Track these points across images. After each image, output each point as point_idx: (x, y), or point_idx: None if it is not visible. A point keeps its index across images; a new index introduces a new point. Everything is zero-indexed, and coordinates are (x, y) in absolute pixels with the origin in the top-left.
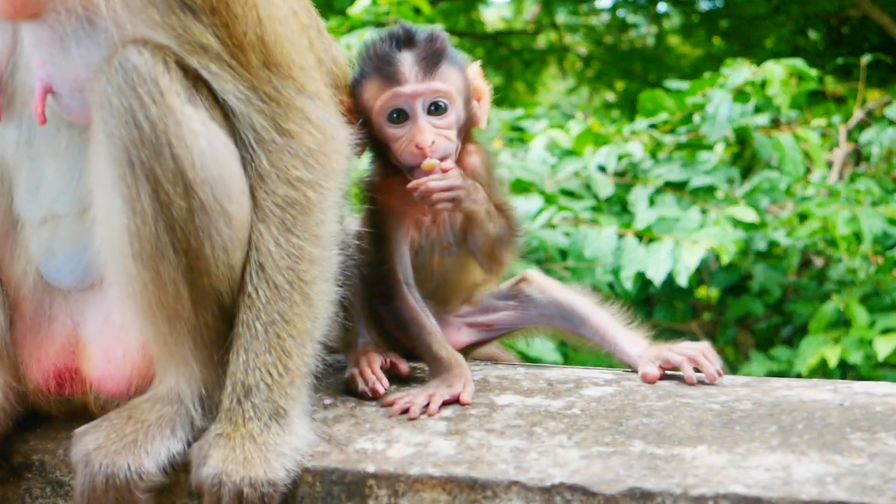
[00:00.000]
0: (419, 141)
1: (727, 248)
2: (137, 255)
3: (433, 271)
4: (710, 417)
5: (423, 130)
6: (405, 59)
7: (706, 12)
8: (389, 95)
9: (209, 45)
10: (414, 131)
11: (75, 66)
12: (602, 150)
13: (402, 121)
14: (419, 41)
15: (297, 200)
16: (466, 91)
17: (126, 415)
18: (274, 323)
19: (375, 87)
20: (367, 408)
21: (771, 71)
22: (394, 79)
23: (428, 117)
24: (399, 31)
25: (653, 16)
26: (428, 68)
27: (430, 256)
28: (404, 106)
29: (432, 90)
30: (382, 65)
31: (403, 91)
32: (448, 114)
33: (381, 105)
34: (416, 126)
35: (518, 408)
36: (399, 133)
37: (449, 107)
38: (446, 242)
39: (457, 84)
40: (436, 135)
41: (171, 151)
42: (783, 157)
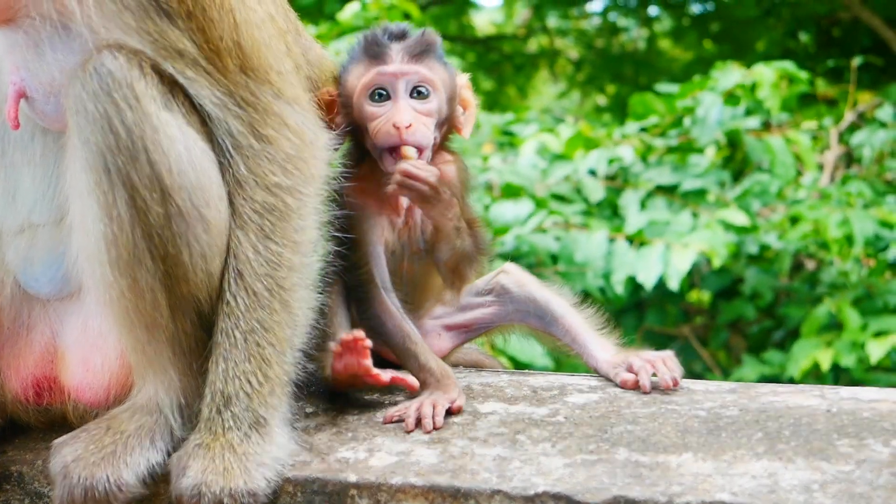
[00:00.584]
0: (397, 120)
1: (718, 252)
2: (114, 263)
3: (403, 275)
4: (696, 424)
5: (402, 110)
6: (395, 45)
7: (697, 15)
8: (373, 74)
9: (185, 50)
10: (393, 110)
11: (50, 70)
12: (592, 154)
13: (384, 100)
14: (411, 35)
15: (276, 206)
16: (451, 90)
17: (105, 425)
18: (253, 331)
19: (361, 67)
20: (350, 416)
21: (761, 74)
22: (380, 59)
23: (409, 100)
24: (393, 26)
25: (643, 19)
26: (415, 55)
27: (400, 261)
28: (387, 85)
29: (417, 72)
30: (372, 47)
31: (387, 69)
32: (430, 100)
33: (364, 83)
34: (396, 105)
35: (502, 415)
36: (378, 111)
37: (431, 94)
38: (416, 247)
39: (442, 77)
40: (415, 118)
41: (147, 157)
42: (774, 160)
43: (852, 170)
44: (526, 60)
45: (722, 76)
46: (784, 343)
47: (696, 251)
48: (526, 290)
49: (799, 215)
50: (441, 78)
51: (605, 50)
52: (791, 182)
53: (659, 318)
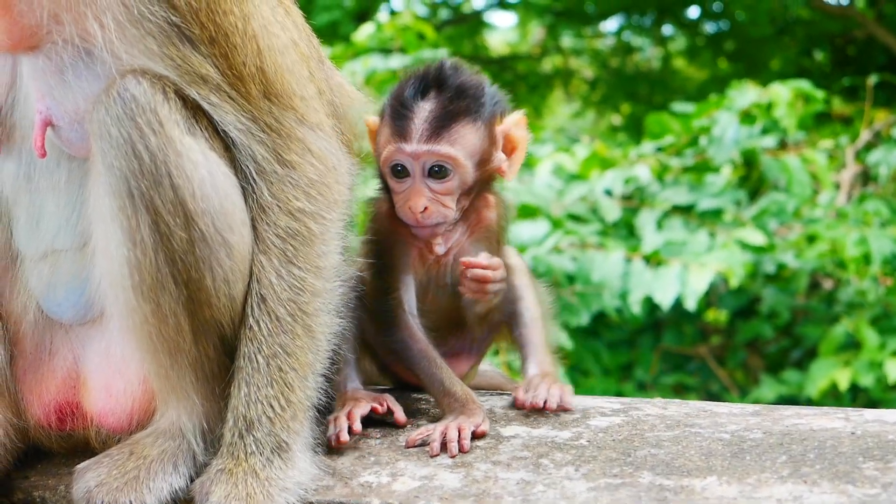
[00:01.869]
0: (412, 204)
1: (735, 272)
2: (137, 287)
3: (427, 309)
4: (720, 447)
5: (417, 193)
6: (419, 113)
7: (711, 34)
8: (393, 150)
9: (208, 76)
10: (409, 192)
11: (74, 97)
12: (608, 174)
13: (404, 176)
14: (445, 91)
15: (299, 232)
16: (484, 151)
17: (128, 450)
18: (276, 356)
19: (386, 133)
20: (372, 440)
21: (777, 93)
22: (401, 133)
23: (427, 180)
24: (430, 75)
25: (658, 38)
26: (437, 128)
27: (426, 292)
28: (405, 164)
29: (435, 154)
30: (397, 113)
31: (405, 149)
32: (449, 179)
33: (386, 157)
34: (412, 188)
35: (524, 439)
36: (399, 188)
37: (451, 172)
38: (443, 282)
39: (469, 146)
40: (431, 200)
41: (171, 182)
42: (791, 179)
43: (869, 188)
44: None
45: (737, 95)
46: (802, 362)
47: (713, 271)
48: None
49: (816, 234)
50: (467, 149)
51: (620, 69)
52: (808, 201)
53: (676, 338)
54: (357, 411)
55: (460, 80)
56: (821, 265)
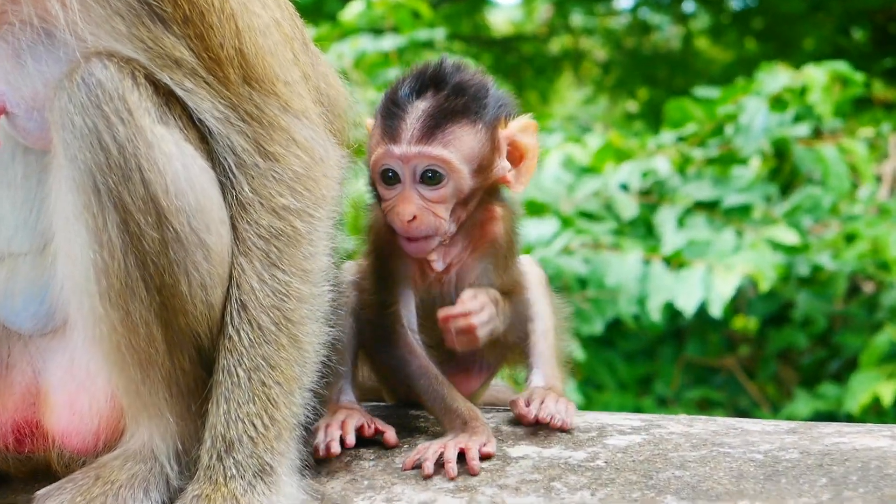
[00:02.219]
0: (399, 211)
1: (766, 274)
2: (105, 294)
3: (434, 326)
4: (752, 469)
5: (406, 200)
6: (412, 112)
7: (738, 11)
8: (383, 152)
9: (183, 59)
10: (398, 199)
11: (32, 82)
12: (624, 167)
13: (394, 182)
14: (442, 89)
15: (283, 231)
16: (484, 156)
17: (93, 474)
18: (258, 369)
19: (378, 135)
20: (365, 461)
21: (811, 75)
22: (392, 134)
23: (419, 185)
24: (428, 72)
25: (678, 16)
26: (430, 128)
27: (430, 309)
28: (395, 167)
29: (427, 156)
30: (388, 112)
31: (395, 151)
32: (443, 185)
33: (376, 160)
34: (402, 193)
35: (534, 460)
36: (388, 194)
37: (445, 177)
38: (449, 300)
39: (466, 149)
40: (421, 208)
41: (141, 176)
42: (827, 172)
43: None
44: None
45: (767, 78)
46: (840, 375)
47: (741, 274)
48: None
49: (855, 232)
50: (463, 152)
51: (636, 50)
52: (846, 196)
53: (700, 349)
54: (351, 422)
55: (459, 78)
56: (861, 267)
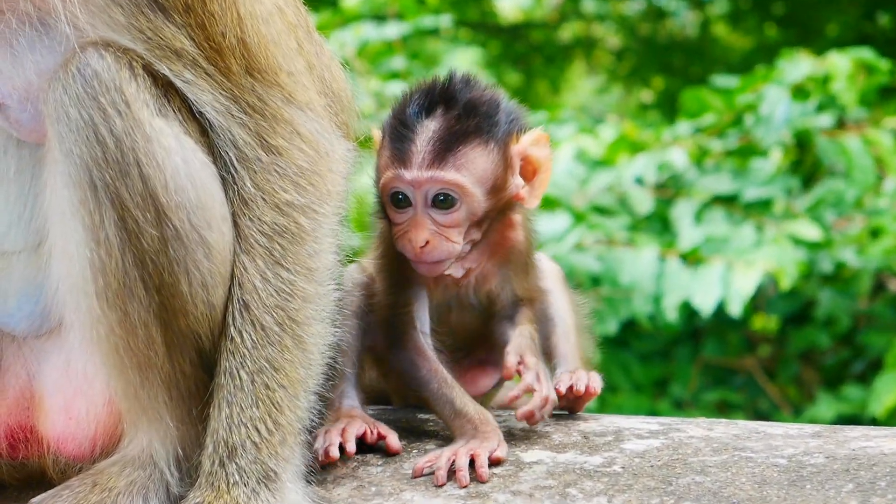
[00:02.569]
0: (411, 238)
1: (787, 271)
2: (102, 294)
3: (450, 328)
4: (775, 474)
5: (417, 226)
6: (422, 133)
7: None
8: (392, 176)
9: (183, 50)
10: (410, 224)
11: (26, 72)
12: (639, 160)
13: (405, 206)
14: (453, 108)
15: (287, 228)
16: (497, 177)
17: (90, 481)
18: (261, 371)
19: (386, 158)
20: (373, 467)
21: (835, 63)
22: (401, 158)
23: (431, 210)
24: (437, 89)
25: (695, 1)
26: (441, 151)
27: (448, 312)
28: (406, 192)
29: (439, 181)
30: (397, 134)
31: (405, 177)
32: (455, 209)
33: (385, 184)
34: (413, 219)
35: (548, 465)
36: (399, 218)
37: (458, 201)
38: (467, 302)
39: (479, 171)
40: (433, 234)
41: (139, 171)
42: (851, 164)
43: None
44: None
45: (789, 67)
46: (865, 376)
47: (761, 271)
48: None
49: (880, 227)
50: (476, 175)
51: (651, 37)
52: (870, 189)
53: (718, 349)
54: (352, 430)
55: (471, 96)
56: (886, 263)
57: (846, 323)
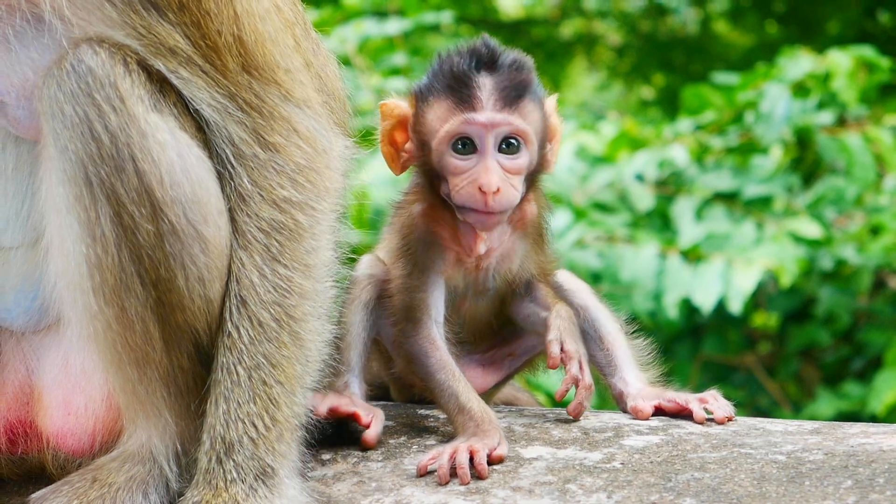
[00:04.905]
0: (484, 182)
1: (787, 269)
2: (99, 290)
3: (463, 312)
4: (774, 471)
5: (490, 170)
6: (485, 84)
7: None
8: (461, 121)
9: (178, 47)
10: (480, 169)
11: (22, 69)
12: (639, 156)
13: (469, 152)
14: (503, 65)
15: (285, 224)
16: (543, 132)
17: (90, 476)
18: (259, 367)
19: (444, 108)
20: (373, 463)
21: (835, 61)
22: (468, 103)
23: (498, 155)
24: (482, 50)
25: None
26: (509, 99)
27: (462, 298)
28: (475, 136)
29: (510, 124)
30: (458, 85)
31: (478, 118)
32: (521, 155)
33: (449, 130)
34: (483, 163)
35: (548, 461)
36: (463, 166)
37: (523, 147)
38: (482, 287)
39: (536, 123)
40: (503, 180)
41: (134, 166)
42: (851, 161)
43: None
44: (559, 47)
45: (789, 64)
46: (864, 373)
47: (762, 268)
48: (579, 299)
49: (881, 225)
50: (535, 126)
51: (652, 34)
52: (871, 186)
53: (718, 346)
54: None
55: (515, 56)
56: (886, 260)
57: (846, 320)
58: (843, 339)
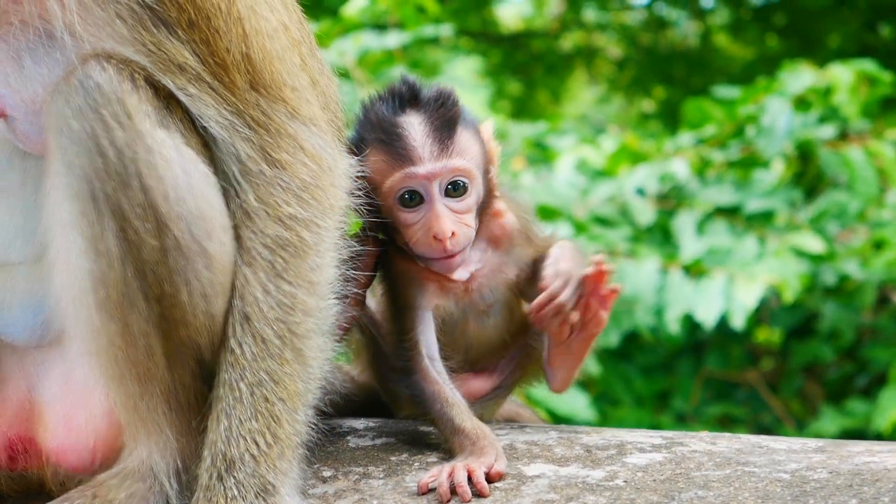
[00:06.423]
0: (437, 231)
1: (790, 284)
2: (102, 305)
3: (468, 336)
4: (778, 489)
5: (440, 217)
6: (414, 129)
7: (759, 7)
8: (401, 176)
9: (187, 64)
10: (430, 218)
11: (32, 85)
12: (640, 170)
13: (417, 203)
14: (426, 101)
15: (290, 241)
16: (484, 161)
17: (90, 493)
18: (261, 384)
19: (382, 162)
20: (374, 480)
21: (836, 75)
22: (404, 156)
23: (445, 200)
24: (402, 89)
25: (696, 12)
26: (443, 140)
27: (462, 322)
28: (419, 188)
29: (451, 169)
30: (389, 137)
31: (418, 172)
32: (468, 194)
33: (392, 187)
34: (432, 212)
35: (551, 479)
36: (413, 219)
37: (469, 186)
38: (484, 305)
39: (475, 156)
40: (455, 223)
41: (140, 182)
42: (853, 176)
43: None
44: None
45: (790, 78)
46: (869, 390)
47: (764, 283)
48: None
49: (884, 239)
50: (476, 160)
51: (652, 47)
52: (873, 201)
53: (721, 362)
54: None
55: (434, 90)
56: (890, 276)
57: (850, 336)
58: (846, 355)
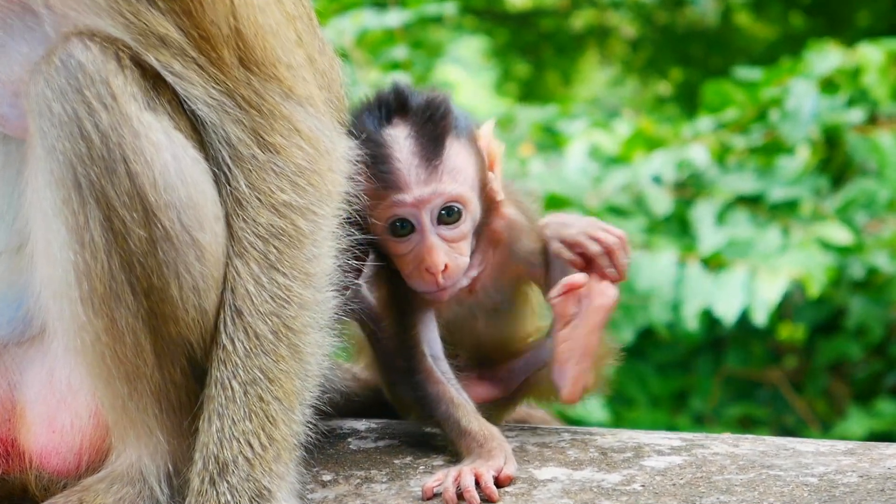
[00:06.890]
0: (429, 264)
1: (815, 277)
2: (87, 299)
3: (478, 335)
4: (806, 494)
5: (432, 250)
6: (401, 147)
7: None
8: (389, 204)
9: (169, 37)
10: (422, 250)
11: (11, 65)
12: (656, 157)
13: (408, 232)
14: (415, 111)
15: (284, 230)
16: (481, 174)
17: (76, 498)
18: (255, 382)
19: (370, 187)
20: (377, 484)
21: (865, 55)
22: (390, 181)
23: (438, 228)
24: (389, 97)
25: None
26: (431, 161)
27: (470, 322)
28: (409, 216)
29: (441, 194)
30: (374, 158)
31: (406, 199)
32: (462, 221)
33: (380, 215)
34: (423, 244)
35: (564, 483)
36: (404, 248)
37: (463, 212)
38: (492, 303)
39: (470, 174)
40: (448, 254)
41: (126, 168)
42: (883, 162)
43: None
44: (570, 40)
45: (816, 58)
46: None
47: (788, 277)
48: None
49: None
50: (470, 180)
51: (669, 26)
52: None
53: (742, 360)
54: None
55: (423, 98)
56: None
57: (879, 332)
58: (875, 352)
